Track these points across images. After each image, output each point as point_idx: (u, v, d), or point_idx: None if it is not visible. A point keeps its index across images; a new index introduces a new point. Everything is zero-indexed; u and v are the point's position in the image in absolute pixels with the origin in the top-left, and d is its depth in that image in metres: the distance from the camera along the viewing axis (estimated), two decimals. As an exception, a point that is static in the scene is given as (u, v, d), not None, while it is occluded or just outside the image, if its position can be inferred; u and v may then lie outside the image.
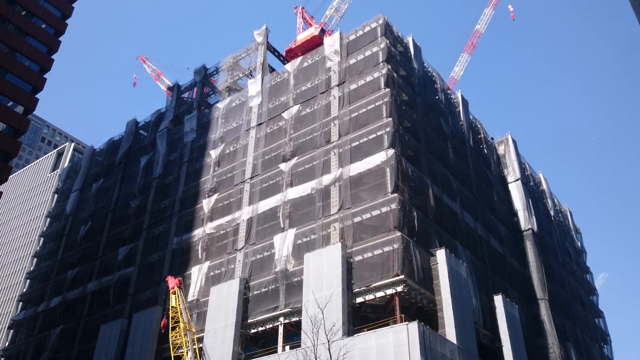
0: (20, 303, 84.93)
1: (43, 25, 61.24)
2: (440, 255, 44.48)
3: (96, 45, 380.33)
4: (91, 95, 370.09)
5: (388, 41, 55.08)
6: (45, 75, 59.99)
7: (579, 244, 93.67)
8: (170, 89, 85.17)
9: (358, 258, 43.81)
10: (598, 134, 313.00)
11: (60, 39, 62.62)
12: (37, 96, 58.77)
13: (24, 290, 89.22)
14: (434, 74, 65.56)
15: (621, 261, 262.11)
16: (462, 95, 70.45)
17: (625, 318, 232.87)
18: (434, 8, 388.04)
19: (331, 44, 59.01)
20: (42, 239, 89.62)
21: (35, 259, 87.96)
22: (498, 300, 50.92)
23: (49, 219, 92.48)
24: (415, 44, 61.49)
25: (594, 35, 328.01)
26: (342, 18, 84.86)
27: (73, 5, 65.24)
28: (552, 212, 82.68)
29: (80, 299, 67.89)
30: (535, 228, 68.68)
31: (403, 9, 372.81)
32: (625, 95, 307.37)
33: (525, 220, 69.02)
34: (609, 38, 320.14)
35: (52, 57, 61.14)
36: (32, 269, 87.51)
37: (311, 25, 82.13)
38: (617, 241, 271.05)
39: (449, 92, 69.80)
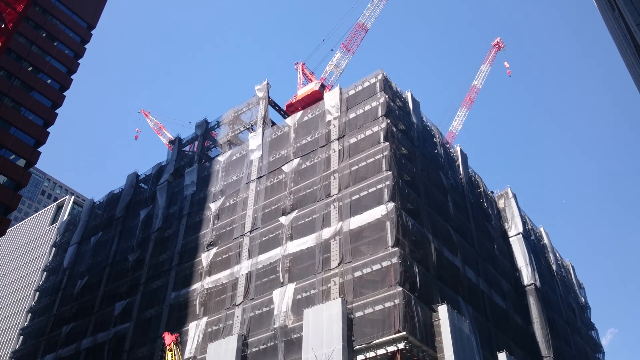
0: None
1: (49, 81, 62.46)
2: (442, 311, 43.63)
3: (99, 98, 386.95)
4: (93, 148, 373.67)
5: (387, 96, 55.96)
6: (48, 129, 60.70)
7: (583, 299, 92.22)
8: (171, 142, 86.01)
9: (359, 314, 42.97)
10: (598, 187, 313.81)
11: (64, 93, 63.74)
12: (39, 149, 59.28)
13: (17, 346, 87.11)
14: (432, 128, 66.32)
15: (631, 315, 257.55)
16: (461, 149, 71.02)
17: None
18: (432, 64, 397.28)
19: (331, 98, 59.96)
20: (37, 293, 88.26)
21: (29, 314, 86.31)
22: (502, 357, 49.55)
23: (45, 273, 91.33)
24: (413, 99, 62.48)
25: (590, 90, 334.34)
26: (341, 73, 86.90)
27: (79, 61, 66.80)
28: (554, 267, 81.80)
29: (74, 356, 66.08)
30: (538, 283, 67.75)
31: (402, 65, 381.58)
32: (624, 147, 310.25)
33: (527, 275, 68.18)
34: (605, 92, 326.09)
35: (56, 111, 62.05)
36: (26, 324, 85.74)
37: (311, 81, 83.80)
38: (625, 295, 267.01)
39: (447, 146, 70.42)
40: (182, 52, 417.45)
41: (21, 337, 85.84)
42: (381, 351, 40.74)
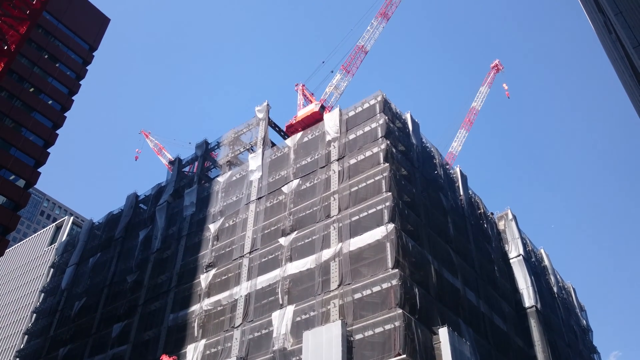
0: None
1: (50, 102, 62.81)
2: (443, 333, 43.19)
3: (100, 119, 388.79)
4: (93, 168, 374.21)
5: (387, 117, 56.16)
6: (48, 150, 60.82)
7: (585, 322, 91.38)
8: (171, 162, 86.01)
9: (358, 336, 42.51)
10: (599, 208, 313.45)
11: (65, 114, 64.01)
12: (39, 170, 59.33)
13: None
14: (432, 149, 66.42)
15: (634, 338, 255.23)
16: (460, 171, 71.03)
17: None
18: (432, 86, 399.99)
19: (331, 119, 60.17)
20: (34, 315, 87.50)
21: (26, 336, 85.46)
22: (504, 381, 49.01)
23: (43, 294, 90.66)
24: (413, 120, 62.70)
25: (589, 111, 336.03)
26: (341, 95, 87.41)
27: (80, 82, 67.22)
28: (555, 289, 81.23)
29: (70, 379, 65.33)
30: (539, 305, 67.21)
31: (401, 86, 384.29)
32: (623, 168, 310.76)
33: (528, 297, 67.65)
34: (603, 113, 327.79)
35: (57, 131, 62.25)
36: (22, 346, 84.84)
37: (311, 102, 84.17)
38: (629, 317, 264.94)
39: (447, 167, 70.45)
40: (183, 73, 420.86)
41: (17, 359, 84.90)
42: (381, 374, 40.25)
